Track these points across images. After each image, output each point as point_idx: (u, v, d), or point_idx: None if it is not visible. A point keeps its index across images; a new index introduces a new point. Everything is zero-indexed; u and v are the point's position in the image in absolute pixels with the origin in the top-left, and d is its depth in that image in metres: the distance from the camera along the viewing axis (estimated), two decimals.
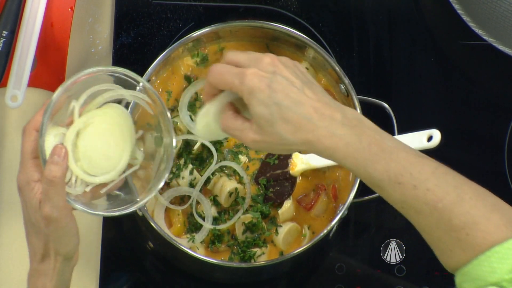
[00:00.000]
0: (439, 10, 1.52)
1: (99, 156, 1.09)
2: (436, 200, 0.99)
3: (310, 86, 1.05)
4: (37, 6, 1.36)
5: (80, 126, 1.08)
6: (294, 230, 1.34)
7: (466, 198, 0.98)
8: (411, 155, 1.01)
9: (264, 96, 1.03)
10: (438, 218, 0.99)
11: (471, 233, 0.97)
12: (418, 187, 1.00)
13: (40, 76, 1.41)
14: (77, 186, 1.09)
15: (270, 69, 1.05)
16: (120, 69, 1.11)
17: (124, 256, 1.41)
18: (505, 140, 1.48)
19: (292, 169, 1.34)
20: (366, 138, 1.02)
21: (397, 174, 1.00)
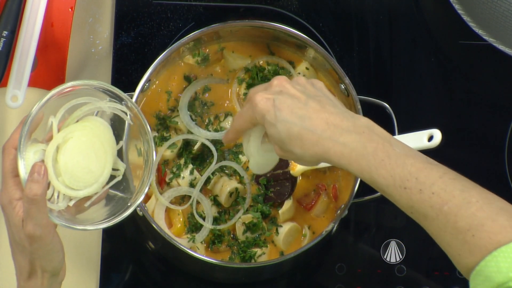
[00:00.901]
0: (440, 10, 1.52)
1: (81, 170, 1.09)
2: (441, 203, 0.99)
3: (317, 99, 1.08)
4: (37, 6, 1.36)
5: (60, 141, 1.08)
6: (294, 230, 1.34)
7: (472, 201, 0.98)
8: (419, 161, 1.02)
9: (271, 116, 1.07)
10: (444, 221, 0.99)
11: (477, 235, 0.97)
12: (423, 191, 1.00)
13: (40, 76, 1.41)
14: (60, 201, 1.09)
15: (277, 89, 1.09)
16: (95, 82, 1.12)
17: (124, 256, 1.41)
18: (505, 140, 1.48)
19: (292, 169, 1.34)
20: (373, 144, 1.04)
21: (402, 179, 1.01)
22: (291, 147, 1.07)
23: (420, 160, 1.03)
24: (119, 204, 1.15)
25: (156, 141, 1.35)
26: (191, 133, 1.36)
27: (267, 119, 1.08)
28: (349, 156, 1.04)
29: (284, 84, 1.10)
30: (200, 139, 1.36)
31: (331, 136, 1.05)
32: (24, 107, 1.40)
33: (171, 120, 1.36)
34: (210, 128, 1.37)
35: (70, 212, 1.10)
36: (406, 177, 1.01)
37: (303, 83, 1.11)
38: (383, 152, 1.03)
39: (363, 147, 1.04)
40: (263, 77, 1.39)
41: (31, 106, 1.40)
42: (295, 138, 1.06)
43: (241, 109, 1.14)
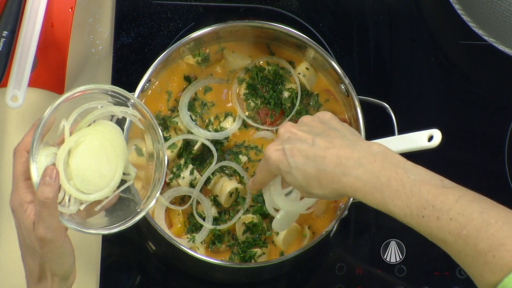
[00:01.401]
0: (440, 10, 1.52)
1: (92, 174, 1.09)
2: (460, 228, 0.99)
3: (324, 135, 1.09)
4: (37, 6, 1.36)
5: (72, 144, 1.08)
6: (294, 231, 1.34)
7: (491, 222, 0.98)
8: (434, 187, 1.02)
9: (285, 165, 1.09)
10: (463, 245, 0.99)
11: (497, 255, 0.97)
12: (441, 218, 1.00)
13: (40, 76, 1.41)
14: (71, 205, 1.09)
15: (284, 137, 1.11)
16: (108, 86, 1.12)
17: (125, 256, 1.41)
18: (505, 140, 1.48)
19: None
20: (386, 173, 1.04)
21: (419, 207, 1.02)
22: (310, 189, 1.09)
23: (436, 185, 1.02)
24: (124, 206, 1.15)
25: None
26: (191, 133, 1.36)
27: (281, 168, 1.10)
28: (363, 189, 1.04)
29: (290, 129, 1.11)
30: (200, 139, 1.36)
31: (344, 171, 1.05)
32: (24, 107, 1.40)
33: (171, 120, 1.36)
34: (210, 128, 1.37)
35: (80, 215, 1.11)
36: (423, 205, 1.01)
37: (309, 122, 1.12)
38: (397, 181, 1.03)
39: (376, 179, 1.04)
40: (263, 77, 1.39)
41: (31, 106, 1.41)
42: (312, 179, 1.08)
43: (260, 163, 1.16)
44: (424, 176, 1.04)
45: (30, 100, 1.41)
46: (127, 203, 1.16)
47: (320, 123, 1.12)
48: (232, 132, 1.37)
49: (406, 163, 1.05)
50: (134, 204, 1.16)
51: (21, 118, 1.43)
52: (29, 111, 1.42)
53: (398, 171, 1.04)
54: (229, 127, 1.37)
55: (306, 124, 1.12)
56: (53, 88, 1.42)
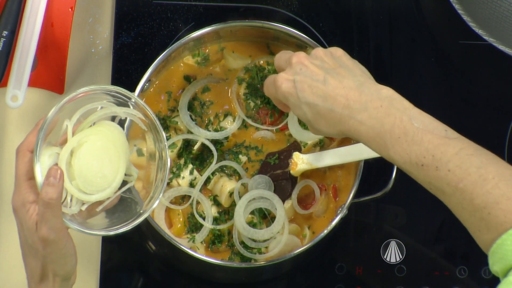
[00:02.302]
0: (440, 10, 1.52)
1: (94, 174, 1.09)
2: (457, 180, 0.99)
3: (335, 73, 1.09)
4: (37, 6, 1.36)
5: (74, 145, 1.08)
6: (294, 231, 1.34)
7: (488, 178, 0.98)
8: (436, 137, 1.02)
9: (294, 99, 1.10)
10: (460, 198, 0.99)
11: (492, 213, 0.97)
12: (440, 169, 1.01)
13: (40, 76, 1.41)
14: (73, 205, 1.09)
15: (297, 69, 1.11)
16: (111, 87, 1.12)
17: (125, 256, 1.41)
18: (505, 140, 1.48)
19: (292, 169, 1.34)
20: (390, 120, 1.04)
21: (419, 156, 1.02)
22: (318, 126, 1.10)
23: (438, 135, 1.02)
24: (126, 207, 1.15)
25: None
26: (191, 133, 1.36)
27: (291, 101, 1.11)
28: (367, 134, 1.05)
29: (303, 61, 1.11)
30: (200, 139, 1.36)
31: (350, 114, 1.06)
32: (24, 107, 1.40)
33: (171, 120, 1.36)
34: (210, 128, 1.37)
35: (82, 216, 1.10)
36: (423, 154, 1.02)
37: (321, 56, 1.12)
38: (400, 129, 1.03)
39: (380, 125, 1.04)
40: (263, 77, 1.39)
41: (31, 106, 1.41)
42: (320, 118, 1.08)
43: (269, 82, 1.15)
44: (427, 124, 1.04)
45: (30, 100, 1.41)
46: (128, 204, 1.16)
47: (332, 59, 1.12)
48: (232, 132, 1.37)
49: (412, 110, 1.06)
50: (135, 205, 1.16)
51: (21, 118, 1.43)
52: (29, 111, 1.42)
53: (403, 118, 1.04)
54: (229, 127, 1.37)
55: (319, 58, 1.12)
56: (53, 88, 1.42)
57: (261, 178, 1.34)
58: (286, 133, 1.38)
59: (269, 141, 1.38)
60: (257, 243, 1.33)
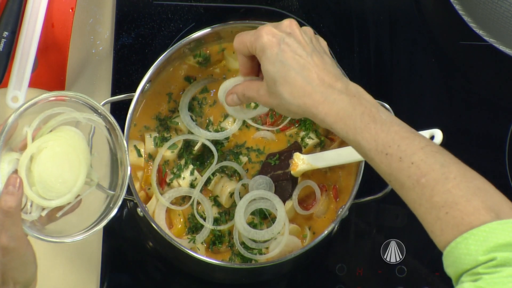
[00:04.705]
0: (440, 11, 1.52)
1: (54, 180, 1.08)
2: (420, 174, 0.99)
3: (320, 55, 1.09)
4: (38, 6, 1.36)
5: (34, 150, 1.07)
6: (294, 231, 1.34)
7: (450, 177, 0.98)
8: (404, 130, 1.03)
9: (272, 53, 1.08)
10: (420, 193, 0.99)
11: (450, 213, 0.97)
12: (403, 160, 1.00)
13: (41, 77, 1.41)
14: (33, 211, 1.07)
15: (286, 30, 1.10)
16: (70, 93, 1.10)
17: (125, 257, 1.41)
18: (506, 140, 1.48)
19: (293, 170, 1.34)
20: (361, 108, 1.05)
21: (385, 144, 1.02)
22: (281, 90, 1.08)
23: (405, 129, 1.03)
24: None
25: (157, 142, 1.36)
26: (192, 133, 1.36)
27: (267, 54, 1.09)
28: (336, 114, 1.05)
29: (294, 28, 1.10)
30: (200, 139, 1.36)
31: (323, 92, 1.06)
32: None
33: (171, 121, 1.36)
34: (211, 128, 1.37)
35: (42, 222, 1.09)
36: (389, 143, 1.02)
37: (311, 35, 1.12)
38: (370, 117, 1.04)
39: (352, 108, 1.05)
40: None
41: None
42: (289, 83, 1.07)
43: (244, 32, 1.14)
44: (393, 119, 1.05)
45: None
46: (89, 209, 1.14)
47: (318, 45, 1.12)
48: (233, 132, 1.37)
49: (380, 106, 1.07)
50: None
51: None
52: None
53: (372, 109, 1.05)
54: (230, 128, 1.37)
55: (308, 35, 1.11)
56: (54, 89, 1.42)
57: (262, 179, 1.34)
58: (287, 134, 1.38)
59: (269, 141, 1.38)
60: (257, 244, 1.33)
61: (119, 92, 1.42)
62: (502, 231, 0.94)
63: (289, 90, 1.08)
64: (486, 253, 0.93)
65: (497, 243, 0.93)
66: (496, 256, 0.93)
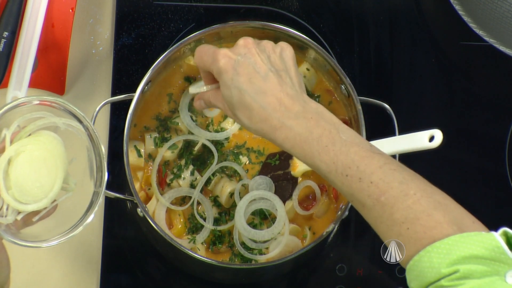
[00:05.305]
0: (440, 11, 1.52)
1: (31, 184, 1.07)
2: (379, 193, 0.99)
3: (278, 74, 1.08)
4: (38, 7, 1.36)
5: (12, 154, 1.06)
6: (295, 231, 1.34)
7: (410, 194, 0.98)
8: (363, 150, 1.03)
9: (228, 78, 1.07)
10: (380, 211, 0.99)
11: (411, 228, 0.97)
12: (363, 180, 1.01)
13: (41, 77, 1.41)
14: (8, 214, 1.07)
15: (241, 51, 1.08)
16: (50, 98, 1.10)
17: (125, 257, 1.41)
18: (506, 140, 1.48)
19: (293, 170, 1.34)
20: (319, 130, 1.04)
21: (344, 166, 1.02)
22: (238, 114, 1.08)
23: (364, 149, 1.03)
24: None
25: (157, 142, 1.36)
26: (192, 133, 1.36)
27: (223, 79, 1.08)
28: (293, 139, 1.05)
29: (250, 47, 1.09)
30: (200, 139, 1.36)
31: (280, 118, 1.06)
32: None
33: (171, 121, 1.36)
34: (211, 128, 1.37)
35: (17, 226, 1.08)
36: (349, 164, 1.02)
37: (270, 50, 1.10)
38: (328, 139, 1.04)
39: (308, 132, 1.04)
40: None
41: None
42: (245, 108, 1.07)
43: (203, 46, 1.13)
44: (354, 138, 1.04)
45: None
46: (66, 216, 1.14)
47: (279, 60, 1.10)
48: (233, 132, 1.37)
49: (341, 125, 1.06)
50: None
51: None
52: None
53: (332, 130, 1.04)
54: (230, 128, 1.37)
55: (267, 52, 1.10)
56: (54, 89, 1.42)
57: (262, 179, 1.34)
58: None
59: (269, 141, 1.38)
60: (257, 244, 1.33)
61: (119, 92, 1.42)
62: (464, 243, 0.94)
63: (247, 115, 1.08)
64: (449, 265, 0.94)
65: (460, 255, 0.93)
66: (459, 268, 0.93)
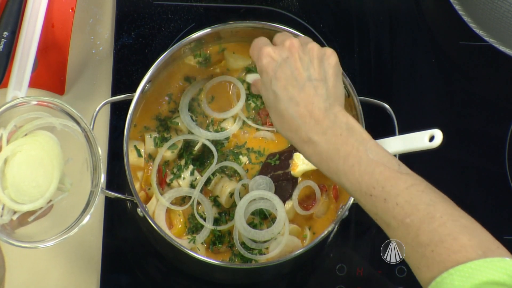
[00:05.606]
0: (440, 11, 1.52)
1: (27, 184, 1.07)
2: (404, 215, 0.99)
3: (315, 84, 1.08)
4: (38, 7, 1.36)
5: (8, 153, 1.06)
6: (294, 231, 1.34)
7: (436, 216, 0.98)
8: (388, 170, 1.02)
9: (267, 79, 1.09)
10: (405, 233, 0.99)
11: (436, 250, 0.96)
12: (388, 201, 1.01)
13: (41, 77, 1.41)
14: (4, 214, 1.07)
15: (284, 53, 1.09)
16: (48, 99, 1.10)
17: (125, 257, 1.41)
18: (506, 140, 1.48)
19: (293, 170, 1.34)
20: (347, 148, 1.04)
21: (369, 186, 1.02)
22: (272, 117, 1.10)
23: (390, 168, 1.02)
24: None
25: (157, 142, 1.36)
26: (192, 133, 1.36)
27: (263, 78, 1.10)
28: (320, 156, 1.05)
29: (294, 51, 1.09)
30: (200, 139, 1.36)
31: (308, 131, 1.06)
32: None
33: (171, 121, 1.36)
34: (211, 128, 1.37)
35: (12, 226, 1.08)
36: (373, 185, 1.02)
37: (313, 57, 1.10)
38: (355, 158, 1.03)
39: (335, 150, 1.04)
40: None
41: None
42: (278, 113, 1.08)
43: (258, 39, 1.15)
44: (382, 157, 1.04)
45: None
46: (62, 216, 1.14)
47: (320, 66, 1.10)
48: (233, 132, 1.37)
49: (370, 142, 1.05)
50: None
51: None
52: None
53: (360, 148, 1.04)
54: (230, 128, 1.37)
55: (309, 56, 1.10)
56: (54, 89, 1.42)
57: (262, 179, 1.34)
58: None
59: (269, 141, 1.38)
60: (257, 244, 1.33)
61: (119, 92, 1.42)
62: (487, 268, 0.94)
63: (279, 120, 1.08)
64: None
65: (482, 280, 0.93)
66: None
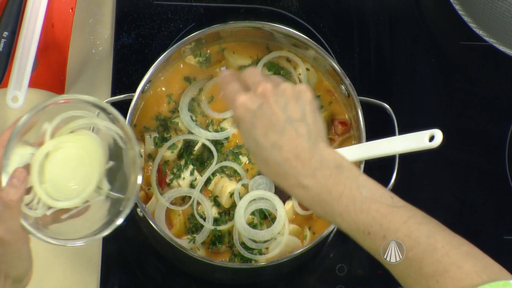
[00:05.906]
0: (440, 11, 1.52)
1: (65, 181, 1.07)
2: (406, 250, 0.99)
3: (295, 125, 1.05)
4: (38, 7, 1.36)
5: (50, 148, 1.06)
6: (294, 231, 1.34)
7: (438, 247, 0.98)
8: (383, 205, 1.01)
9: (245, 129, 1.06)
10: (407, 266, 0.99)
11: (441, 281, 0.96)
12: (387, 237, 1.00)
13: (41, 77, 1.41)
14: (39, 208, 1.07)
15: (259, 100, 1.06)
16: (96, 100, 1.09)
17: (125, 257, 1.41)
18: (506, 140, 1.48)
19: None
20: (339, 189, 1.02)
21: (366, 225, 1.01)
22: (258, 165, 1.08)
23: (385, 204, 1.01)
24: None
25: (157, 142, 1.36)
26: (192, 133, 1.36)
27: (241, 127, 1.07)
28: (312, 199, 1.03)
29: (268, 96, 1.06)
30: (200, 139, 1.36)
31: (297, 176, 1.03)
32: (25, 108, 1.40)
33: (171, 121, 1.36)
34: (211, 128, 1.37)
35: (45, 221, 1.08)
36: (370, 223, 1.01)
37: (288, 97, 1.06)
38: (348, 198, 1.02)
39: (328, 192, 1.02)
40: None
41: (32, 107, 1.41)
42: (262, 160, 1.06)
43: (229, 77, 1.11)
44: (375, 192, 1.02)
45: (30, 100, 1.41)
46: None
47: (297, 106, 1.06)
48: (233, 132, 1.37)
49: (360, 177, 1.03)
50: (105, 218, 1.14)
51: None
52: None
53: (352, 186, 1.02)
54: (230, 128, 1.37)
55: (285, 97, 1.06)
56: (54, 89, 1.42)
57: (262, 179, 1.34)
58: None
59: None
60: (257, 244, 1.33)
61: (119, 92, 1.42)
62: None
63: (264, 167, 1.06)
64: None
65: None
66: None
